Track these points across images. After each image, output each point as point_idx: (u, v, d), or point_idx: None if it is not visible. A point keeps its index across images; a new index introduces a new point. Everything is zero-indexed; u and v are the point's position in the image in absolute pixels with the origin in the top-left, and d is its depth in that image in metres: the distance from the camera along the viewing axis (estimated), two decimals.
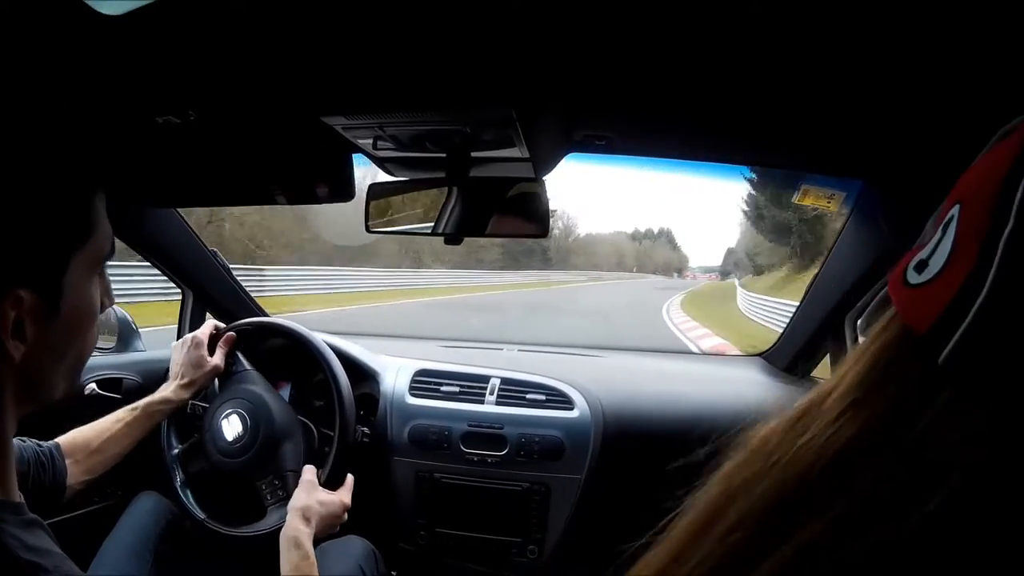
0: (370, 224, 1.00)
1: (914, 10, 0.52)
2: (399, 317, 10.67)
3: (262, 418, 1.13)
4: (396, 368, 1.44)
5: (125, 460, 1.00)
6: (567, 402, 1.34)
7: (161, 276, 1.48)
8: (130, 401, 1.32)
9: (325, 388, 1.23)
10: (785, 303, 8.30)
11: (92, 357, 1.34)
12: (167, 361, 1.18)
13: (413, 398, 1.37)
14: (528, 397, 1.36)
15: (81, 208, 0.45)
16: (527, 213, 0.93)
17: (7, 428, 0.45)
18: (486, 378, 1.40)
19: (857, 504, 0.24)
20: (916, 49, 0.60)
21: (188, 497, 1.15)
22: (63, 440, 0.90)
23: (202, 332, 1.18)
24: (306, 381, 1.37)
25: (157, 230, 1.32)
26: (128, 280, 6.11)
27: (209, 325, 1.20)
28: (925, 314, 0.24)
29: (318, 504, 0.94)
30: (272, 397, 1.18)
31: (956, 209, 0.25)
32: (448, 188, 0.96)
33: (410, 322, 10.20)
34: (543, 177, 0.95)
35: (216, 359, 1.16)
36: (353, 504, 1.02)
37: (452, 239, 0.96)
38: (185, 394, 1.10)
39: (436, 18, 0.57)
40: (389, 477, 1.33)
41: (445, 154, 0.87)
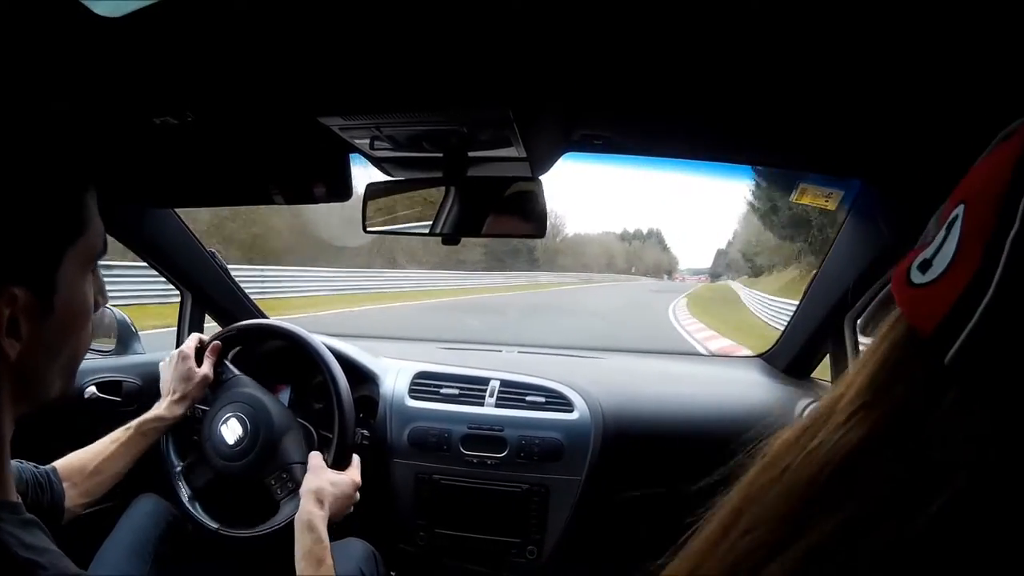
0: (367, 224, 1.00)
1: (912, 10, 0.52)
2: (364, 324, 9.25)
3: (260, 417, 1.13)
4: (396, 370, 1.43)
5: None
6: (567, 404, 1.34)
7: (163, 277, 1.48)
8: (129, 403, 1.33)
9: (324, 390, 1.22)
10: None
11: (91, 360, 1.35)
12: None
13: (413, 400, 1.37)
14: (528, 399, 1.36)
15: (73, 205, 0.46)
16: (524, 213, 0.93)
17: (4, 428, 0.44)
18: (486, 380, 1.40)
19: (865, 505, 0.25)
20: (914, 49, 0.60)
21: (197, 510, 1.14)
22: (59, 464, 0.90)
23: (187, 346, 1.18)
24: (305, 384, 1.36)
25: (155, 231, 1.32)
26: (133, 281, 6.06)
27: (194, 338, 1.21)
28: (930, 315, 0.25)
29: (330, 485, 0.95)
30: (266, 396, 1.19)
31: (960, 209, 0.25)
32: (445, 188, 0.96)
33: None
34: (540, 176, 0.95)
35: (204, 369, 1.16)
36: (353, 506, 1.02)
37: (449, 239, 0.96)
38: (178, 409, 1.10)
39: (432, 18, 0.57)
40: (389, 479, 1.33)
41: (442, 154, 0.87)
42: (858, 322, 1.37)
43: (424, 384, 1.40)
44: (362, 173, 0.99)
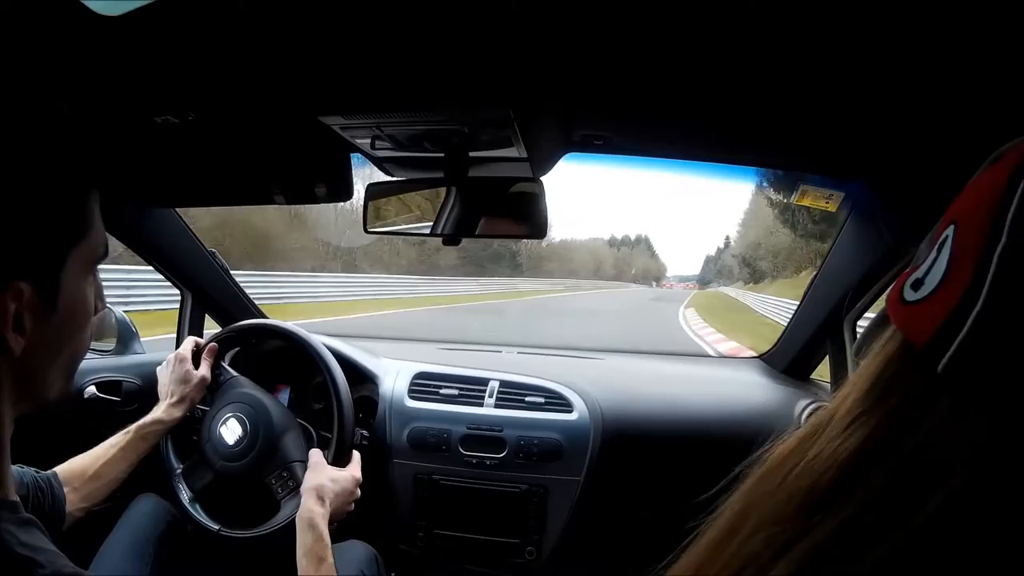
0: (368, 225, 1.00)
1: (912, 13, 0.52)
2: None
3: (260, 417, 1.13)
4: (395, 371, 1.43)
5: None
6: (566, 404, 1.34)
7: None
8: (129, 403, 1.33)
9: (324, 391, 1.22)
10: None
11: (91, 360, 1.35)
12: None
13: (412, 401, 1.37)
14: (527, 400, 1.36)
15: (78, 207, 0.47)
16: (525, 213, 0.93)
17: (4, 427, 0.45)
18: (485, 381, 1.40)
19: (865, 506, 0.26)
20: (914, 51, 0.60)
21: (198, 512, 1.14)
22: (60, 469, 0.90)
23: (184, 349, 1.18)
24: (304, 384, 1.37)
25: (156, 231, 1.32)
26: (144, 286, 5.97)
27: (190, 341, 1.21)
28: (923, 328, 0.26)
29: (330, 482, 0.95)
30: (265, 395, 1.18)
31: (951, 230, 0.27)
32: (446, 188, 0.96)
33: None
34: (541, 177, 0.95)
35: (202, 370, 1.16)
36: (354, 503, 1.02)
37: (450, 240, 0.96)
38: (177, 412, 1.10)
39: (433, 18, 0.57)
40: (388, 479, 1.33)
41: (443, 154, 0.87)
42: (858, 334, 1.37)
43: (423, 384, 1.40)
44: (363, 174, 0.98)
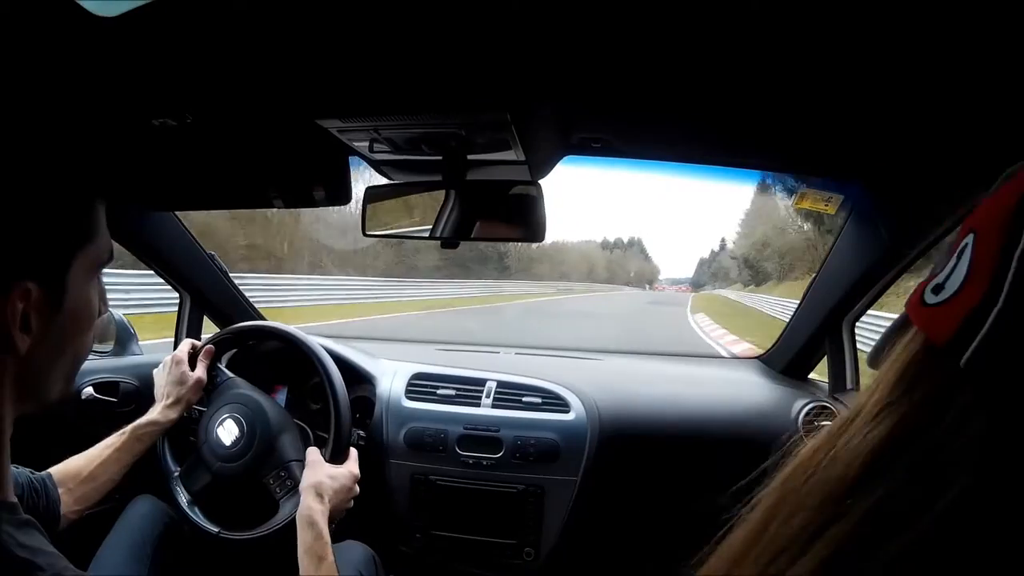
0: (367, 228, 1.00)
1: (911, 15, 0.52)
2: None
3: (256, 417, 1.13)
4: (392, 371, 1.44)
5: None
6: (563, 405, 1.34)
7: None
8: (126, 404, 1.33)
9: (321, 391, 1.22)
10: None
11: (89, 360, 1.34)
12: None
13: (409, 401, 1.37)
14: (524, 400, 1.36)
15: (84, 210, 0.48)
16: (524, 216, 0.93)
17: (4, 426, 0.45)
18: (482, 381, 1.40)
19: (890, 496, 0.27)
20: (913, 54, 0.60)
21: (197, 514, 1.14)
22: (55, 470, 0.90)
23: (180, 351, 1.18)
24: (302, 385, 1.37)
25: (154, 233, 1.32)
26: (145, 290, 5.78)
27: (186, 343, 1.21)
28: (945, 328, 0.27)
29: (328, 479, 0.95)
30: (261, 395, 1.18)
31: (970, 238, 0.28)
32: (445, 191, 0.96)
33: None
34: (540, 180, 0.95)
35: (198, 372, 1.16)
36: (346, 512, 1.01)
37: (449, 243, 0.96)
38: (172, 414, 1.10)
39: (431, 22, 0.57)
40: (385, 480, 1.33)
41: (441, 157, 0.87)
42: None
43: (420, 385, 1.40)
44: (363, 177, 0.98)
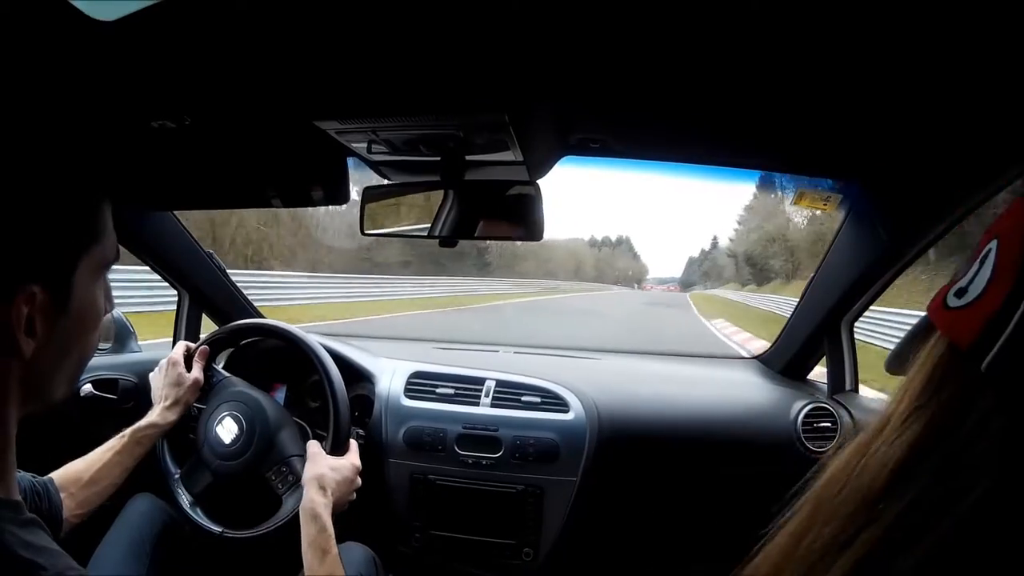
0: (365, 227, 1.00)
1: (908, 14, 0.52)
2: None
3: (255, 413, 1.14)
4: (391, 370, 1.43)
5: None
6: (562, 404, 1.34)
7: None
8: (125, 401, 1.33)
9: (320, 389, 1.22)
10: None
11: None
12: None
13: (408, 400, 1.37)
14: (523, 399, 1.36)
15: (90, 213, 0.49)
16: (522, 216, 0.92)
17: (9, 427, 0.46)
18: (481, 380, 1.40)
19: (917, 499, 0.28)
20: (910, 53, 0.60)
21: (199, 515, 1.14)
22: (56, 475, 0.90)
23: (175, 353, 1.18)
24: (301, 383, 1.37)
25: (153, 232, 1.32)
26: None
27: (181, 345, 1.21)
28: (967, 331, 0.28)
29: (330, 471, 0.96)
30: (259, 393, 1.19)
31: (994, 244, 0.29)
32: (443, 191, 0.96)
33: None
34: (538, 180, 0.95)
35: (195, 373, 1.16)
36: (348, 506, 1.02)
37: (447, 242, 0.96)
38: (171, 416, 1.10)
39: (429, 23, 0.57)
40: (384, 479, 1.33)
41: (439, 157, 0.87)
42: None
43: (420, 384, 1.40)
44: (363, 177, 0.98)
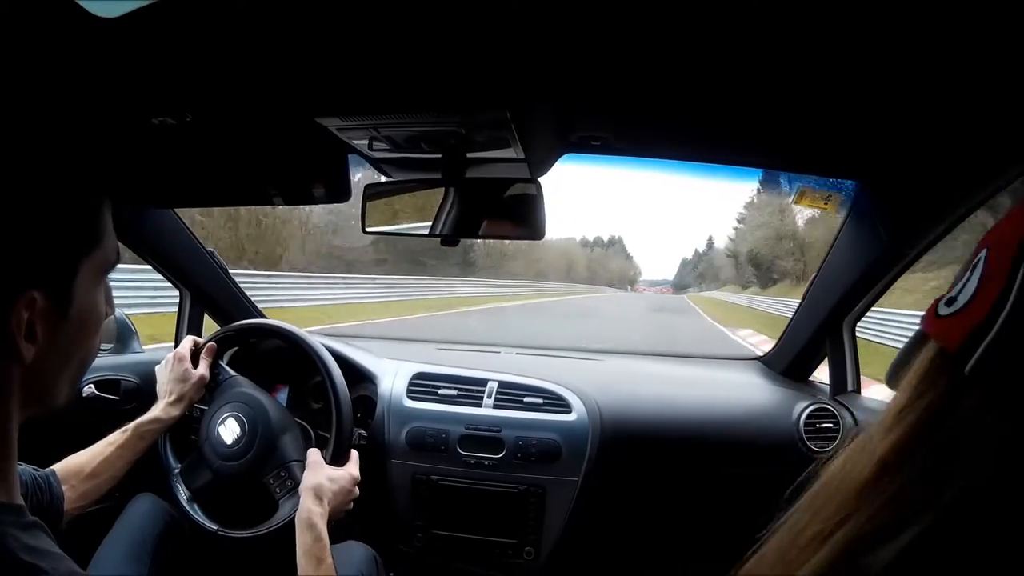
0: (366, 225, 1.00)
1: (910, 15, 0.52)
2: None
3: (258, 416, 1.13)
4: (394, 371, 1.43)
5: None
6: (564, 405, 1.34)
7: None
8: (127, 402, 1.33)
9: (322, 390, 1.22)
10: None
11: None
12: None
13: (411, 401, 1.37)
14: (526, 400, 1.35)
15: (91, 216, 0.48)
16: (523, 214, 0.93)
17: (11, 431, 0.45)
18: (484, 381, 1.40)
19: (900, 492, 0.29)
20: (912, 52, 0.60)
21: (196, 511, 1.14)
22: (58, 467, 0.90)
23: (182, 348, 1.18)
24: (303, 384, 1.37)
25: (154, 230, 1.33)
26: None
27: (188, 340, 1.21)
28: (956, 336, 0.29)
29: (328, 481, 0.95)
30: (263, 395, 1.18)
31: (983, 253, 0.30)
32: (444, 189, 0.96)
33: None
34: (539, 178, 0.95)
35: (201, 369, 1.16)
36: (352, 502, 1.02)
37: (448, 240, 0.96)
38: (175, 411, 1.10)
39: (430, 20, 0.57)
40: (386, 479, 1.33)
41: (440, 155, 0.87)
42: (854, 331, 1.37)
43: (422, 385, 1.40)
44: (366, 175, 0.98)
